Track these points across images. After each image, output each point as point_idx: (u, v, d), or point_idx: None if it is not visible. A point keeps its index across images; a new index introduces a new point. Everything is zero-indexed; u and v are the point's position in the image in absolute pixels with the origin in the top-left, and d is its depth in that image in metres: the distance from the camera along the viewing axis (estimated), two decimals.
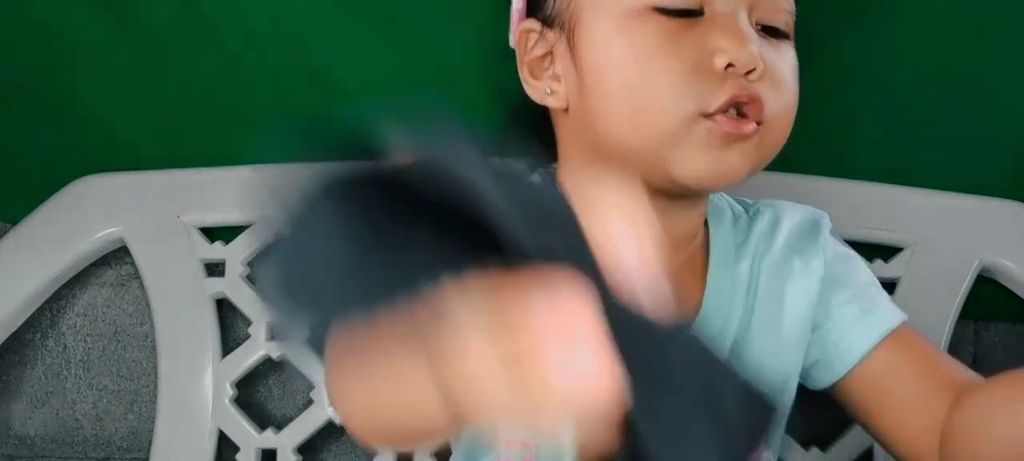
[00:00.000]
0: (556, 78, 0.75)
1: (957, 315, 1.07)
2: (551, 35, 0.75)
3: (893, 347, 0.78)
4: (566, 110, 0.76)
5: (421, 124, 0.43)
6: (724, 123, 0.68)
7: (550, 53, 0.75)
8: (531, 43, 0.76)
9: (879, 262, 1.08)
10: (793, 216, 0.84)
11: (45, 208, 1.08)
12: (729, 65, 0.68)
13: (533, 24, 0.76)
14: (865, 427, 0.80)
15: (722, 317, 0.76)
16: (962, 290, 1.07)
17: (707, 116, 0.68)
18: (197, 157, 1.10)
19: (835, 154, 1.10)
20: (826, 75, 1.09)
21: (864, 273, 0.83)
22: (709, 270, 0.77)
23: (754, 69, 0.68)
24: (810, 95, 1.09)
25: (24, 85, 1.10)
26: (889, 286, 1.08)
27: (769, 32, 0.72)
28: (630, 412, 0.41)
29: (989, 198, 1.09)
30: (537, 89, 0.76)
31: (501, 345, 0.37)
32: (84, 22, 1.07)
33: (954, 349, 1.13)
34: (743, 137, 0.69)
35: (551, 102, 0.76)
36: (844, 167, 1.09)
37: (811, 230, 0.83)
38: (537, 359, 0.37)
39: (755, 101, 0.69)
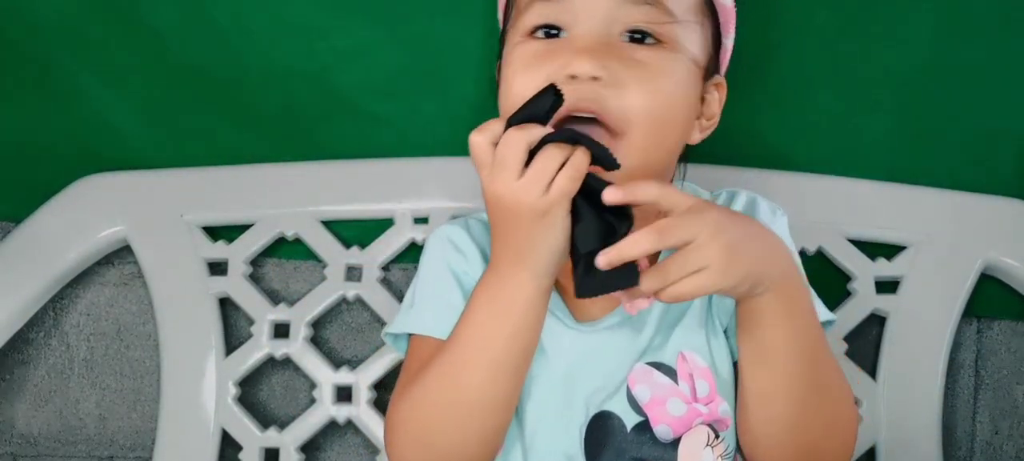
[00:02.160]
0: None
1: (960, 313, 1.07)
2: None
3: None
4: None
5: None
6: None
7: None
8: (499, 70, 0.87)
9: (882, 260, 1.08)
10: (741, 201, 0.90)
11: (48, 207, 1.09)
12: (571, 76, 0.77)
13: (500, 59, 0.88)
14: None
15: None
16: (965, 288, 1.07)
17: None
18: (200, 156, 1.11)
19: (839, 153, 1.10)
20: (830, 74, 1.09)
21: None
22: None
23: (597, 77, 0.77)
24: (814, 94, 1.09)
25: (28, 84, 1.10)
26: (892, 284, 1.08)
27: (638, 39, 0.80)
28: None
29: (992, 197, 1.08)
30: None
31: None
32: (88, 22, 1.07)
33: (957, 347, 1.13)
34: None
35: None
36: (848, 166, 1.09)
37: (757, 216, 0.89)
38: None
39: (588, 111, 0.77)
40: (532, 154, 0.69)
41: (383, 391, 1.10)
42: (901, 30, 1.07)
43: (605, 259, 0.68)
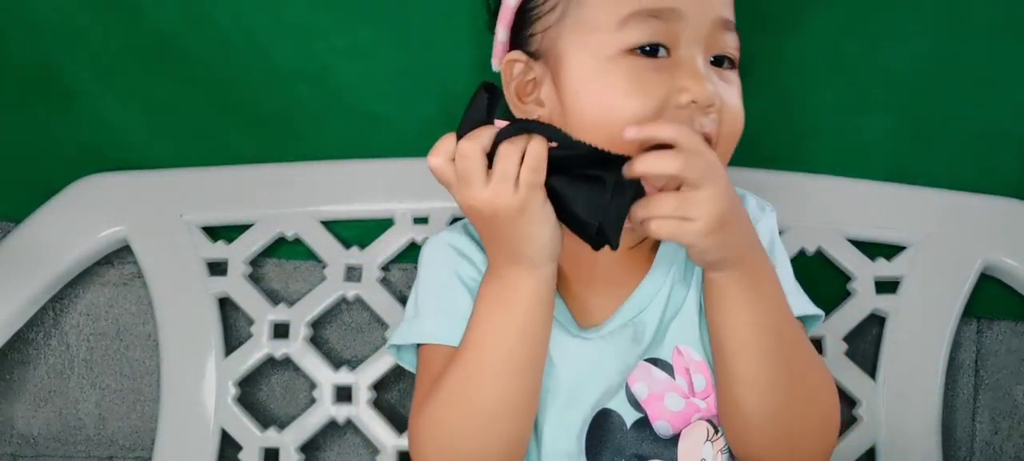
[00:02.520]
0: (540, 103, 0.84)
1: (960, 313, 1.07)
2: (537, 67, 0.84)
3: None
4: None
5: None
6: None
7: (535, 79, 0.84)
8: (516, 71, 0.85)
9: (882, 260, 1.08)
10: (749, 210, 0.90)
11: (48, 207, 1.09)
12: (692, 101, 0.77)
13: (519, 56, 0.85)
14: None
15: (661, 281, 0.86)
16: (965, 288, 1.07)
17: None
18: (200, 156, 1.11)
19: (839, 152, 1.10)
20: (830, 74, 1.09)
21: (787, 271, 0.88)
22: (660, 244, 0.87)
23: (712, 105, 0.78)
24: (814, 94, 1.09)
25: (27, 84, 1.10)
26: (892, 284, 1.08)
27: (718, 62, 0.81)
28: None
29: (992, 197, 1.09)
30: (522, 111, 0.85)
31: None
32: (88, 22, 1.07)
33: (956, 348, 1.13)
34: None
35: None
36: (848, 165, 1.09)
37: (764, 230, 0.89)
38: None
39: (708, 137, 0.78)
40: (492, 157, 0.70)
41: (383, 391, 1.10)
42: (901, 30, 1.07)
43: (644, 212, 0.70)
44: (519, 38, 0.86)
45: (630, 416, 0.82)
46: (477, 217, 0.73)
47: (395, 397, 1.14)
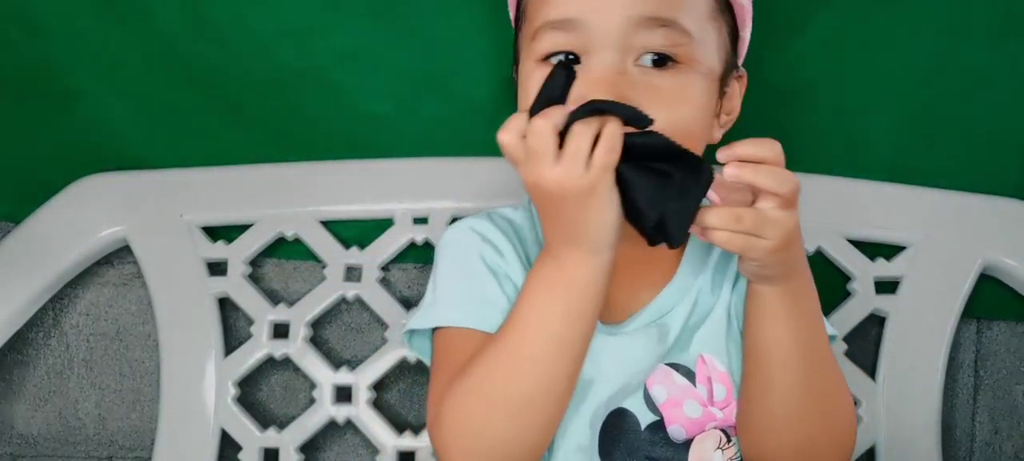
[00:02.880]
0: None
1: (960, 313, 1.07)
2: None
3: None
4: None
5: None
6: None
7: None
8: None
9: (882, 261, 1.08)
10: None
11: (48, 207, 1.09)
12: None
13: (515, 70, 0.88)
14: None
15: (687, 285, 0.86)
16: (965, 289, 1.07)
17: None
18: (199, 156, 1.11)
19: (838, 152, 1.10)
20: (829, 74, 1.09)
21: None
22: (687, 246, 0.87)
23: None
24: (814, 94, 1.09)
25: (27, 84, 1.10)
26: (892, 284, 1.08)
27: (658, 62, 0.79)
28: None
29: (992, 197, 1.09)
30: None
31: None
32: (88, 22, 1.07)
33: (956, 348, 1.13)
34: None
35: None
36: (848, 166, 1.09)
37: None
38: None
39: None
40: (563, 137, 0.68)
41: (382, 391, 1.10)
42: (902, 30, 1.07)
43: (717, 221, 0.69)
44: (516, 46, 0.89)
45: (645, 417, 0.82)
46: (544, 196, 0.70)
47: (395, 397, 1.14)
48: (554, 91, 0.69)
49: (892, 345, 1.06)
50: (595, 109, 0.68)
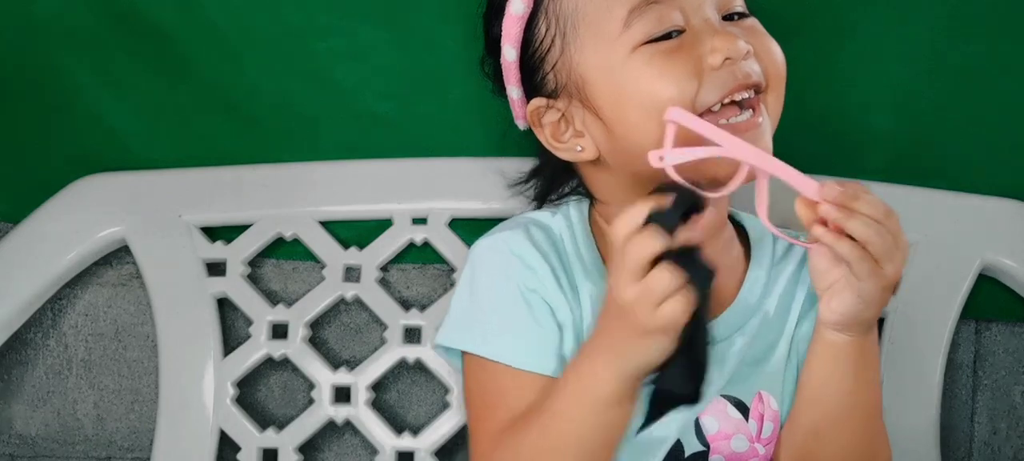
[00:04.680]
0: (578, 134, 0.84)
1: (958, 314, 1.07)
2: (559, 103, 0.84)
3: None
4: (597, 160, 0.84)
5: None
6: (739, 123, 0.78)
7: (564, 116, 0.84)
8: (545, 118, 0.85)
9: None
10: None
11: (46, 208, 1.08)
12: (726, 59, 0.77)
13: (541, 102, 0.84)
14: None
15: (750, 312, 0.86)
16: (963, 289, 1.07)
17: (714, 113, 0.77)
18: (198, 157, 1.11)
19: (837, 152, 1.10)
20: (829, 74, 1.09)
21: None
22: (748, 269, 0.87)
23: (748, 52, 0.78)
24: (813, 94, 1.09)
25: (25, 85, 1.10)
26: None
27: (731, 18, 0.81)
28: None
29: (991, 197, 1.09)
30: (565, 150, 0.85)
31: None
32: (88, 22, 1.07)
33: (955, 348, 1.13)
34: (755, 126, 0.79)
35: (583, 156, 0.84)
36: (846, 165, 1.09)
37: None
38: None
39: (755, 84, 0.78)
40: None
41: (381, 392, 1.10)
42: (901, 30, 1.07)
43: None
44: (532, 86, 0.85)
45: (691, 446, 0.82)
46: (614, 301, 0.69)
47: (394, 398, 1.14)
48: (677, 213, 0.67)
49: (891, 345, 1.06)
50: (689, 260, 0.67)
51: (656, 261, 0.66)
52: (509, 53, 0.86)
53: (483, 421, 0.80)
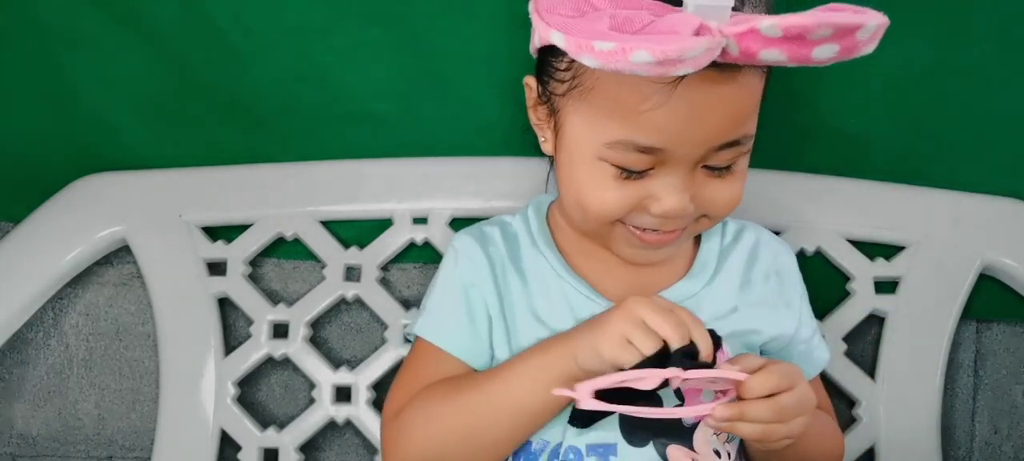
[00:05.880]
0: (544, 136, 0.89)
1: (959, 313, 1.07)
2: (544, 110, 0.87)
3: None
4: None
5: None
6: (641, 235, 0.84)
7: (544, 114, 0.88)
8: (532, 95, 0.88)
9: (881, 260, 1.08)
10: (749, 238, 0.95)
11: (47, 207, 1.09)
12: (661, 214, 0.81)
13: (533, 82, 0.88)
14: None
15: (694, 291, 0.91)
16: (964, 289, 1.07)
17: (625, 224, 0.84)
18: (199, 156, 1.11)
19: (838, 152, 1.10)
20: (829, 74, 1.08)
21: (808, 312, 0.96)
22: (696, 260, 0.92)
23: (681, 217, 0.82)
24: (813, 94, 1.09)
25: (27, 84, 1.10)
26: (891, 284, 1.08)
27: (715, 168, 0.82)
28: None
29: (991, 197, 1.09)
30: (536, 125, 0.90)
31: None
32: (87, 22, 1.07)
33: (956, 348, 1.13)
34: (674, 238, 0.85)
35: (543, 147, 0.90)
36: (847, 165, 1.09)
37: (789, 267, 0.96)
38: None
39: (674, 235, 0.84)
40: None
41: (382, 391, 1.10)
42: (901, 30, 1.07)
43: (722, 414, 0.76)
44: (543, 64, 0.85)
45: (669, 399, 0.84)
46: (591, 336, 0.78)
47: None
48: (685, 356, 0.74)
49: (892, 345, 1.07)
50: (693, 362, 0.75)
51: None
52: (536, 36, 0.85)
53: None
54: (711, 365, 0.75)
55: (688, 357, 0.74)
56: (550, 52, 0.83)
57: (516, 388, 0.82)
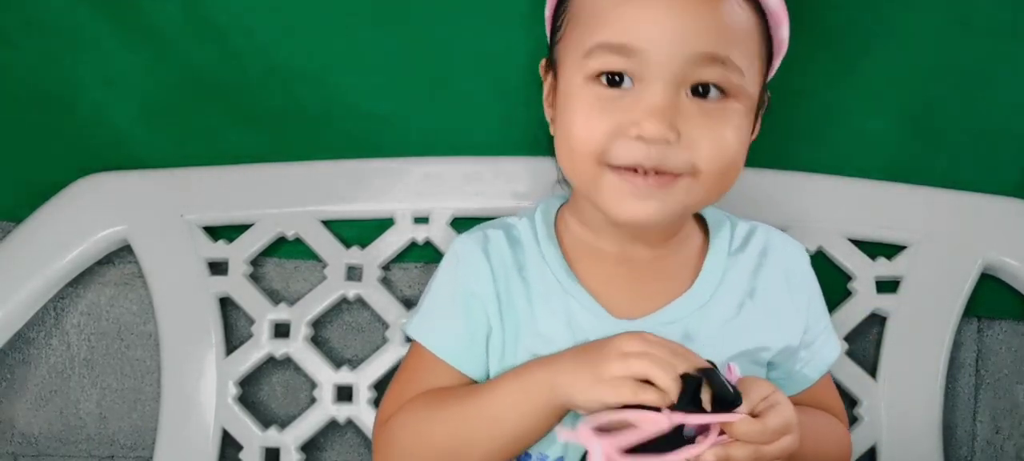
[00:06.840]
0: (553, 114, 0.88)
1: (961, 313, 1.07)
2: (551, 77, 0.88)
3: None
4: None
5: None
6: (629, 177, 0.80)
7: (553, 85, 0.87)
8: (545, 74, 0.89)
9: (883, 260, 1.08)
10: (759, 240, 0.93)
11: (48, 207, 1.09)
12: (639, 137, 0.79)
13: (544, 63, 0.89)
14: None
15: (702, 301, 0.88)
16: (966, 288, 1.07)
17: (613, 169, 0.80)
18: (200, 156, 1.11)
19: (839, 151, 1.10)
20: (830, 73, 1.09)
21: (823, 310, 0.95)
22: (701, 271, 0.89)
23: (666, 142, 0.79)
24: (814, 92, 1.09)
25: (27, 84, 1.10)
26: (892, 284, 1.08)
27: (703, 92, 0.80)
28: None
29: (993, 196, 1.08)
30: (548, 114, 0.89)
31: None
32: (88, 22, 1.07)
33: (957, 347, 1.13)
34: (661, 186, 0.80)
35: (553, 131, 0.88)
36: (848, 164, 1.09)
37: (800, 269, 0.93)
38: None
39: (658, 171, 0.80)
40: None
41: (383, 391, 1.10)
42: (902, 30, 1.07)
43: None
44: (552, 42, 0.88)
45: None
46: (575, 372, 0.78)
47: None
48: (689, 396, 0.73)
49: (893, 345, 1.06)
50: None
51: None
52: (549, 8, 0.90)
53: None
54: (703, 408, 0.74)
55: (694, 385, 0.74)
56: (555, 16, 0.87)
57: (498, 410, 0.81)
